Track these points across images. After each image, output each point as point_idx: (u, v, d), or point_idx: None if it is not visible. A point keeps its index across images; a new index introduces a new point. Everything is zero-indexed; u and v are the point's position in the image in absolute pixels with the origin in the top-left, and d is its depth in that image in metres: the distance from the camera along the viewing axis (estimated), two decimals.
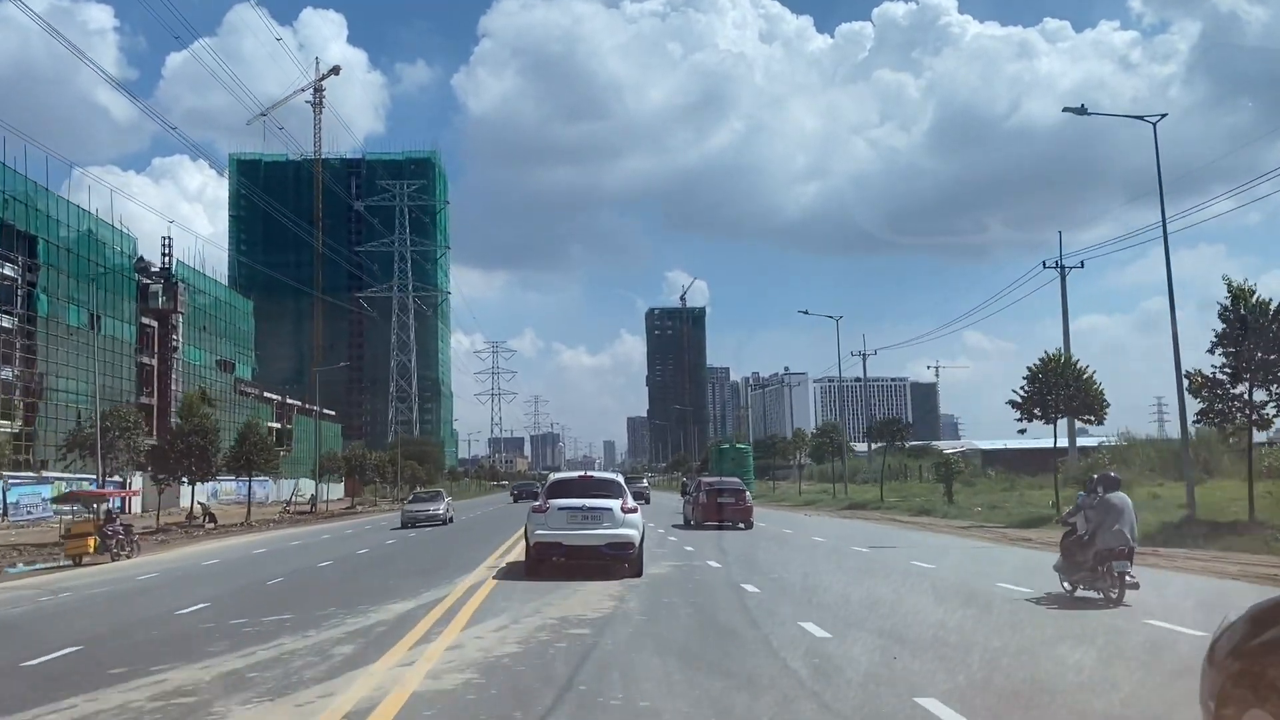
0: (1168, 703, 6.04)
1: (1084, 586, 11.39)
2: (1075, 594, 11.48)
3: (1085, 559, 11.23)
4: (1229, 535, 18.90)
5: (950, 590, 12.89)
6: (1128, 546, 10.97)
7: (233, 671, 7.71)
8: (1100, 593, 11.08)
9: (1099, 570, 11.03)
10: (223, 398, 67.05)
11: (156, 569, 20.35)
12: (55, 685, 7.33)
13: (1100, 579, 11.05)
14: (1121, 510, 11.18)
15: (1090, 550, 11.14)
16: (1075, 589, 11.55)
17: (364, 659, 8.13)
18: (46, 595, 15.74)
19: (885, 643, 8.51)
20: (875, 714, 6.18)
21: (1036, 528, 24.87)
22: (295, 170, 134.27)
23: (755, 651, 8.41)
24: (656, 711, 6.17)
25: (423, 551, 22.37)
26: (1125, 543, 10.95)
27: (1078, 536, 11.57)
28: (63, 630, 11.04)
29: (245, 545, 28.47)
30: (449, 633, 9.39)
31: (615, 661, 7.88)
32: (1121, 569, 10.84)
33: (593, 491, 15.14)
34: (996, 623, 9.96)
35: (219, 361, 72.14)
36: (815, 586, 13.64)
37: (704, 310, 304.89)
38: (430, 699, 6.59)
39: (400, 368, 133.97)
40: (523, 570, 14.80)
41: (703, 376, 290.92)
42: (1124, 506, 11.25)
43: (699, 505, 27.71)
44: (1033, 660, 7.79)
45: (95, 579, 18.45)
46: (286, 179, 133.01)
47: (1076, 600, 11.29)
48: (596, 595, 12.08)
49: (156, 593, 15.68)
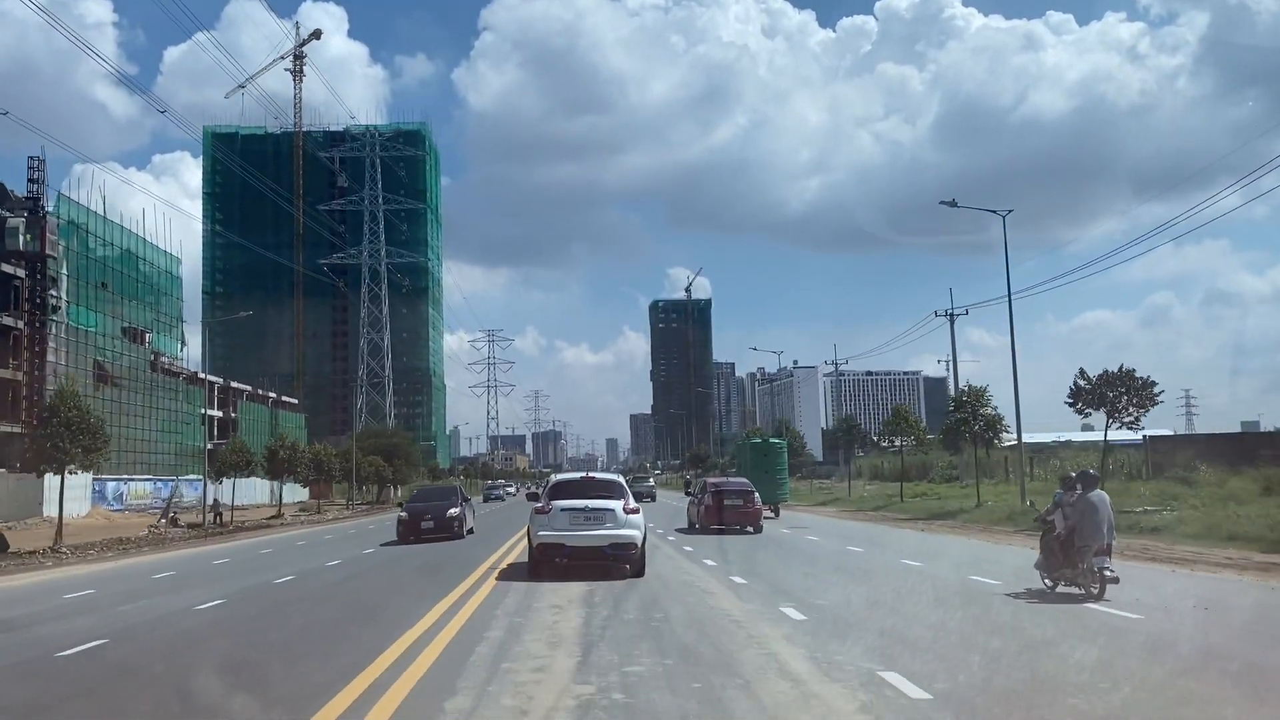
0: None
1: (1065, 583, 11.79)
2: (1056, 590, 11.84)
3: (1065, 556, 11.63)
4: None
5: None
6: (1106, 542, 11.37)
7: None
8: (1081, 588, 11.47)
9: (1079, 566, 11.43)
10: (132, 375, 53.86)
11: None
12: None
13: (1081, 575, 11.46)
14: (1098, 507, 11.43)
15: (1070, 547, 11.51)
16: (1056, 585, 11.91)
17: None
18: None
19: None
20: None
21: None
22: (275, 145, 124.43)
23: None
24: None
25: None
26: (1104, 539, 11.34)
27: (1057, 534, 11.83)
28: None
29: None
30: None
31: None
32: (1101, 564, 11.21)
33: (595, 492, 15.36)
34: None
35: (125, 329, 55.20)
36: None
37: (709, 303, 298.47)
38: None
39: (371, 348, 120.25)
40: (525, 572, 14.81)
41: (708, 371, 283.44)
42: (1101, 504, 11.49)
43: (704, 508, 26.31)
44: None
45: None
46: (265, 154, 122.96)
47: (1060, 596, 11.58)
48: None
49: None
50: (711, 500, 26.03)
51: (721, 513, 25.48)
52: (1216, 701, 6.64)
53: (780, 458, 41.72)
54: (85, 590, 16.20)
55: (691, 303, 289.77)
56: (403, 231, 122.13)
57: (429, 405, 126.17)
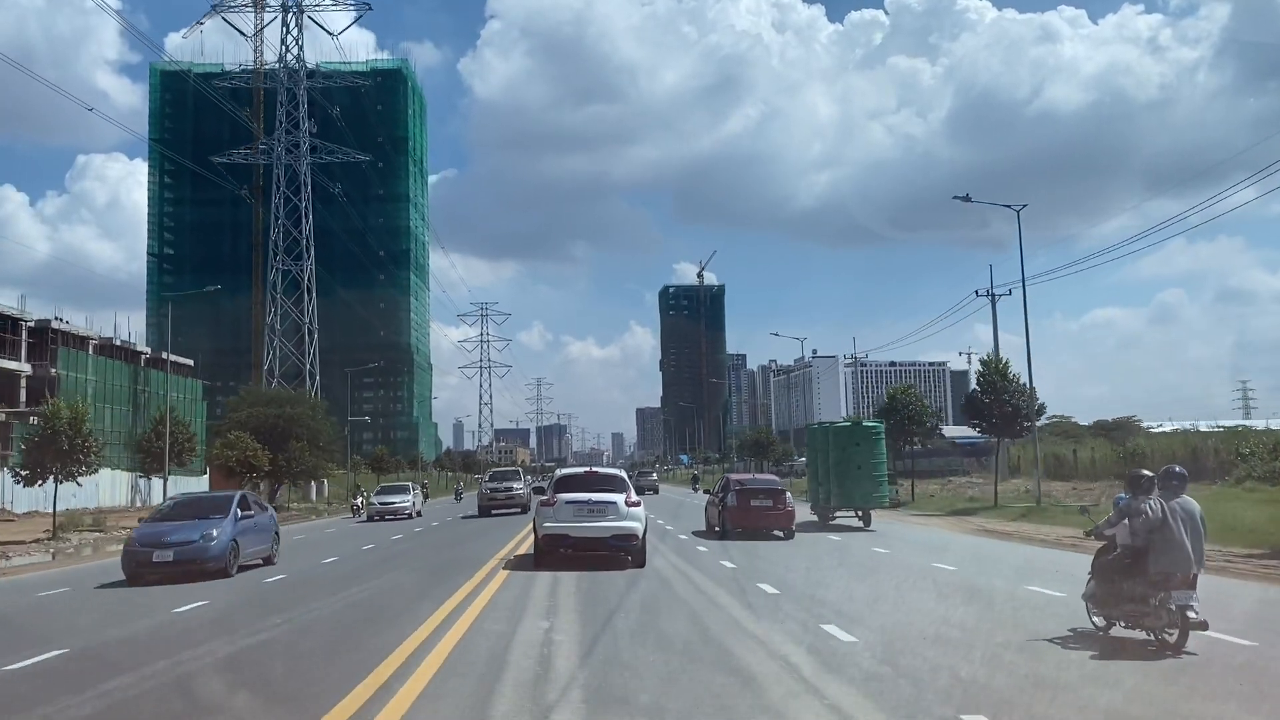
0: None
1: (1125, 623, 8.63)
2: (1111, 632, 8.82)
3: (1129, 586, 8.54)
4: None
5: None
6: (1195, 572, 8.31)
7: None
8: (1150, 632, 8.42)
9: (1150, 603, 8.31)
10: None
11: None
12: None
13: (1150, 613, 8.33)
14: (1184, 520, 8.38)
15: (1137, 574, 8.43)
16: (1110, 625, 8.85)
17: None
18: None
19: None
20: None
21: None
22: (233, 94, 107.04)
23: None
24: None
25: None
26: (1192, 566, 8.28)
27: (1117, 554, 8.73)
28: None
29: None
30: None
31: None
32: (1184, 601, 8.07)
33: (598, 486, 15.81)
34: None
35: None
36: None
37: (722, 289, 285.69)
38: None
39: (287, 283, 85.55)
40: (530, 563, 15.20)
41: (721, 361, 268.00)
42: (1190, 514, 8.46)
43: (728, 510, 22.54)
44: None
45: None
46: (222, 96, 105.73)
47: (1113, 642, 8.52)
48: None
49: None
50: (736, 500, 22.66)
51: (747, 514, 22.30)
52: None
53: (876, 447, 26.96)
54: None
55: (704, 289, 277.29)
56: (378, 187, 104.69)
57: (409, 388, 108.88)
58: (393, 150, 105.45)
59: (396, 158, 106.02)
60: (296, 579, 15.66)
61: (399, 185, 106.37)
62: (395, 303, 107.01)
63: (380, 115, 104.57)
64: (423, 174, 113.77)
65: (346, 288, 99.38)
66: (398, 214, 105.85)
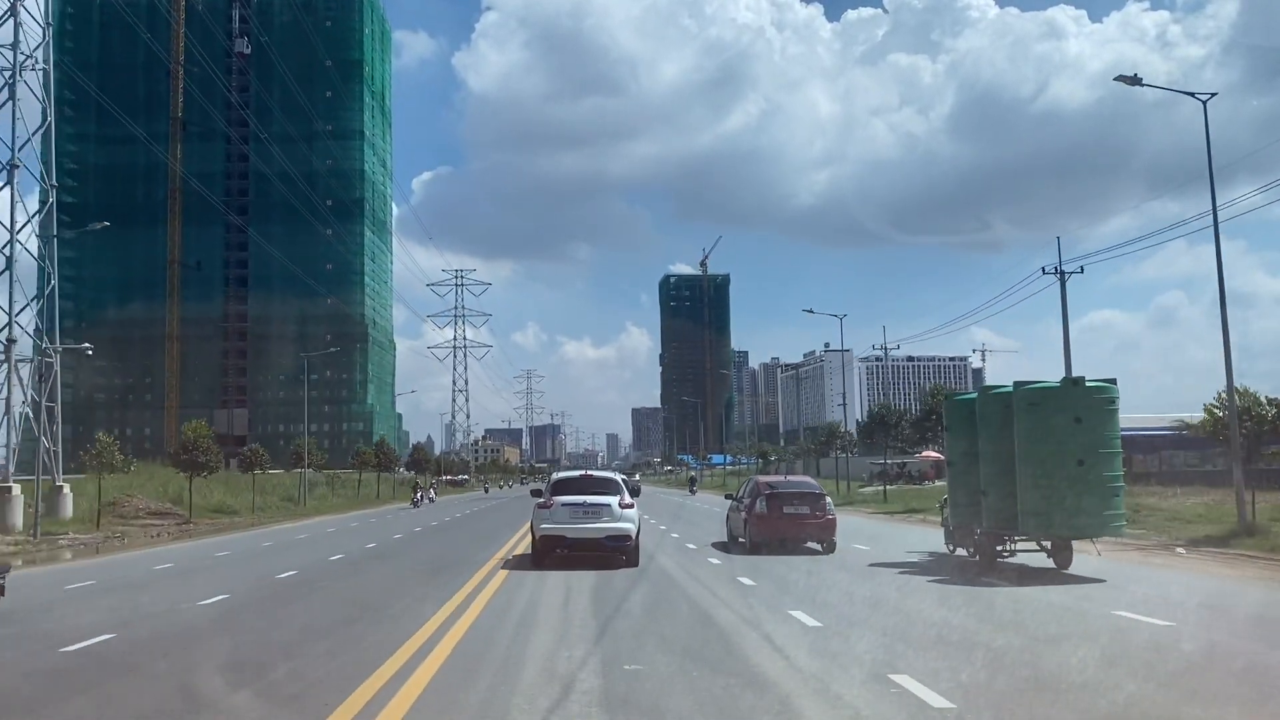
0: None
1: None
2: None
3: None
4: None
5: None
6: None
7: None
8: None
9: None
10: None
11: None
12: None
13: None
14: None
15: None
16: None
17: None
18: None
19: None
20: None
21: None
22: (150, 7, 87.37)
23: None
24: None
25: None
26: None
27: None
28: None
29: None
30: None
31: None
32: None
33: (593, 489, 16.31)
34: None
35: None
36: None
37: (726, 279, 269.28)
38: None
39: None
40: (529, 562, 15.76)
41: (726, 355, 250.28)
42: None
43: (756, 518, 18.79)
44: None
45: None
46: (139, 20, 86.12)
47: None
48: None
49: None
50: (766, 507, 18.80)
51: (779, 523, 18.60)
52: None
53: (1110, 423, 14.09)
54: None
55: (708, 278, 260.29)
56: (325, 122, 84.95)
57: (363, 366, 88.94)
58: (342, 78, 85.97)
59: (348, 86, 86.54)
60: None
61: (350, 120, 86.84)
62: (346, 264, 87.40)
63: (329, 34, 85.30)
64: (384, 111, 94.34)
65: (286, 245, 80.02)
66: (349, 154, 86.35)
